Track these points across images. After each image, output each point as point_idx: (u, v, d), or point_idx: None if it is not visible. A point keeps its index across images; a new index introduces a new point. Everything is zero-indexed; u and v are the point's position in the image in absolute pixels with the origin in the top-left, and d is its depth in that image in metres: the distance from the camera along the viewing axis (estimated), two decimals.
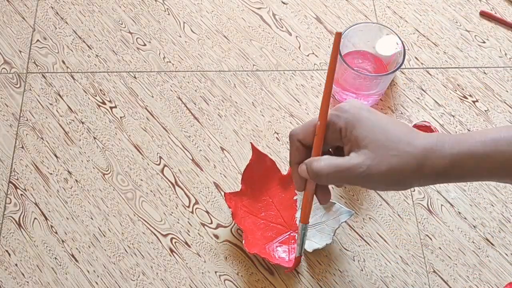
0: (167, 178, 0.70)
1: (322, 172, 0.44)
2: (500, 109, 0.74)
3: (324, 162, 0.44)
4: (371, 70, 0.71)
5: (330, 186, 0.53)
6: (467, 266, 0.64)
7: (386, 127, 0.43)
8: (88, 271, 0.64)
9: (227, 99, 0.75)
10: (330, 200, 0.63)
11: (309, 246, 0.62)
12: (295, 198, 0.66)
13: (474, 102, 0.75)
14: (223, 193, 0.68)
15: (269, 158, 0.65)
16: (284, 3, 0.83)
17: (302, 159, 0.47)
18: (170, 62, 0.78)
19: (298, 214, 0.65)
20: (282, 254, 0.62)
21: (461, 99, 0.75)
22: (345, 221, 0.64)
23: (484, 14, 0.81)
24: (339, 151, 0.48)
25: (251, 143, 0.64)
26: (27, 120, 0.73)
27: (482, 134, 0.43)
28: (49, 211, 0.67)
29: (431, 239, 0.66)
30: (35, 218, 0.67)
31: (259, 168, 0.65)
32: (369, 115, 0.44)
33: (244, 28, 0.80)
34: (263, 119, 0.74)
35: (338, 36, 0.45)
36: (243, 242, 0.60)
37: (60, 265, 0.64)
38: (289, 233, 0.64)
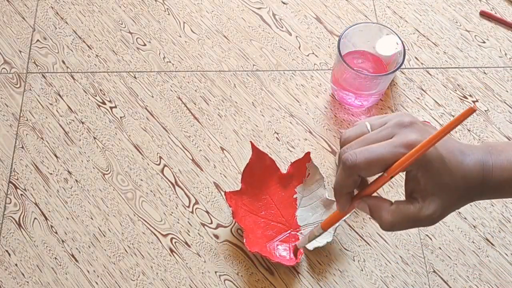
0: (167, 178, 0.70)
1: (395, 225, 0.43)
2: (500, 109, 0.74)
3: (396, 215, 0.42)
4: (371, 70, 0.71)
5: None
6: (467, 266, 0.64)
7: (451, 166, 0.41)
8: (88, 271, 0.64)
9: (227, 99, 0.75)
10: (330, 198, 0.64)
11: (310, 244, 0.62)
12: (294, 196, 0.66)
13: (474, 102, 0.75)
14: (223, 193, 0.68)
15: (268, 157, 0.65)
16: (284, 3, 0.83)
17: (353, 189, 0.44)
18: (170, 62, 0.78)
19: (298, 212, 0.65)
20: (283, 252, 0.62)
21: (461, 99, 0.75)
22: (345, 220, 0.64)
23: (484, 14, 0.81)
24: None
25: (250, 142, 0.64)
26: (27, 120, 0.73)
27: None
28: (49, 211, 0.67)
29: (431, 239, 0.66)
30: (35, 218, 0.67)
31: (259, 167, 0.65)
32: (438, 155, 0.41)
33: (244, 28, 0.80)
34: (263, 119, 0.74)
35: (470, 111, 0.38)
36: (244, 241, 0.60)
37: (60, 265, 0.64)
38: (289, 231, 0.64)
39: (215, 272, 0.64)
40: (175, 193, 0.69)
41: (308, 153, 0.65)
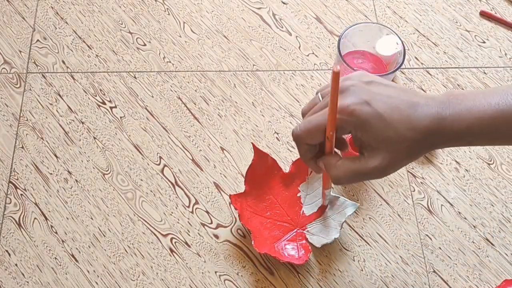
0: (167, 178, 0.70)
1: (341, 178, 0.46)
2: None
3: (342, 169, 0.46)
4: (371, 70, 0.71)
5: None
6: (467, 266, 0.64)
7: (393, 120, 0.43)
8: (88, 271, 0.64)
9: (227, 99, 0.75)
10: (335, 194, 0.64)
11: (318, 241, 0.62)
12: (298, 195, 0.66)
13: None
14: (223, 193, 0.69)
15: (270, 157, 0.66)
16: (284, 3, 0.83)
17: (313, 154, 0.48)
18: (170, 62, 0.78)
19: (304, 210, 0.66)
20: (291, 251, 0.63)
21: None
22: (346, 221, 0.64)
23: (484, 14, 0.81)
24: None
25: (252, 143, 0.64)
26: (27, 120, 0.73)
27: (479, 106, 0.43)
28: (49, 211, 0.67)
29: (431, 239, 0.66)
30: (35, 218, 0.67)
31: (261, 168, 0.65)
32: (375, 113, 0.43)
33: (244, 28, 0.80)
34: (263, 119, 0.74)
35: (336, 75, 0.42)
36: (253, 243, 0.60)
37: (60, 265, 0.64)
38: (296, 230, 0.64)
39: (215, 272, 0.64)
40: (175, 193, 0.69)
41: None
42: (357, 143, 0.46)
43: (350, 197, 0.68)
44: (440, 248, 0.65)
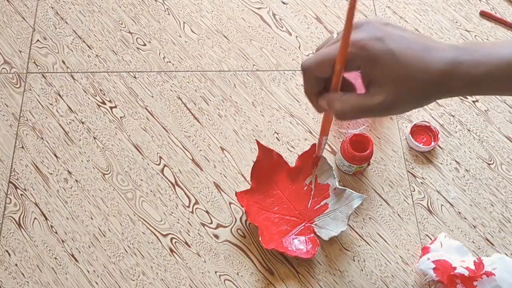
0: (167, 178, 0.69)
1: (345, 112, 0.44)
2: (500, 109, 0.74)
3: (346, 103, 0.44)
4: None
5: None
6: None
7: (405, 59, 0.42)
8: (88, 271, 0.64)
9: (227, 99, 0.75)
10: (341, 187, 0.65)
11: (326, 234, 0.63)
12: (305, 189, 0.66)
13: (474, 102, 0.75)
14: (223, 193, 0.69)
15: (275, 152, 0.66)
16: (284, 3, 0.83)
17: (319, 89, 0.47)
18: (170, 62, 0.78)
19: (310, 205, 0.66)
20: (300, 245, 0.63)
21: (461, 99, 0.75)
22: (352, 213, 0.64)
23: (484, 14, 0.81)
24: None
25: (256, 140, 0.65)
26: (27, 120, 0.73)
27: (498, 53, 0.43)
28: (49, 211, 0.67)
29: (431, 239, 0.66)
30: (35, 218, 0.67)
31: (266, 164, 0.65)
32: (387, 50, 0.42)
33: (244, 28, 0.80)
34: (263, 119, 0.74)
35: (352, 3, 0.41)
36: (260, 239, 0.61)
37: (60, 265, 0.64)
38: (303, 224, 0.64)
39: (215, 272, 0.64)
40: (175, 193, 0.69)
41: (314, 145, 0.65)
42: (365, 80, 0.44)
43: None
44: None
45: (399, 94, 0.43)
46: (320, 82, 0.46)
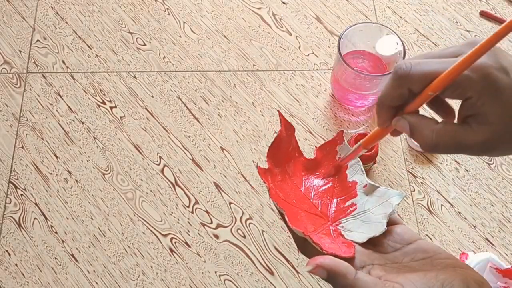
0: (167, 178, 0.70)
1: (439, 145, 0.37)
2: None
3: (442, 134, 0.37)
4: (371, 70, 0.71)
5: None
6: None
7: None
8: (88, 271, 0.64)
9: (227, 99, 0.75)
10: (372, 183, 0.52)
11: (360, 237, 0.49)
12: (328, 186, 0.54)
13: None
14: (223, 193, 0.68)
15: (295, 136, 0.53)
16: (284, 3, 0.83)
17: (399, 103, 0.39)
18: (170, 62, 0.78)
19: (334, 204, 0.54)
20: (331, 244, 0.50)
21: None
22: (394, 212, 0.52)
23: (484, 14, 0.81)
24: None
25: (278, 111, 0.53)
26: (27, 120, 0.73)
27: None
28: (49, 211, 0.67)
29: (431, 239, 0.66)
30: (35, 218, 0.67)
31: (285, 145, 0.53)
32: (507, 87, 0.35)
33: (244, 28, 0.80)
34: (263, 119, 0.74)
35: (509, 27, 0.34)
36: (288, 223, 0.46)
37: (60, 265, 0.64)
38: (327, 224, 0.51)
39: (215, 272, 0.64)
40: (175, 193, 0.69)
41: (340, 133, 0.53)
42: (466, 111, 0.37)
43: None
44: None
45: (506, 138, 0.37)
46: (405, 95, 0.38)
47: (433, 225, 0.67)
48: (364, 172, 0.53)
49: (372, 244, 0.44)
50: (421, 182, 0.69)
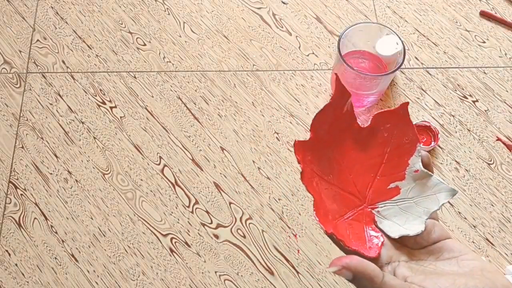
0: (167, 178, 0.70)
1: None
2: (500, 109, 0.74)
3: None
4: (371, 70, 0.71)
5: None
6: None
7: None
8: (88, 271, 0.64)
9: (227, 99, 0.75)
10: (426, 171, 0.46)
11: (393, 230, 0.44)
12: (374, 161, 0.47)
13: (474, 102, 0.75)
14: (223, 193, 0.68)
15: (351, 101, 0.47)
16: (284, 3, 0.83)
17: None
18: (170, 62, 0.78)
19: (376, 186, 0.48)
20: (357, 236, 0.44)
21: (461, 99, 0.75)
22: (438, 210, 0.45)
23: (484, 14, 0.81)
24: None
25: (335, 74, 0.44)
26: (27, 120, 0.73)
27: None
28: (49, 211, 0.67)
29: None
30: (35, 218, 0.67)
31: (336, 111, 0.46)
32: None
33: (244, 28, 0.80)
34: (263, 119, 0.74)
35: None
36: (315, 214, 0.43)
37: (60, 265, 0.64)
38: (362, 206, 0.46)
39: (215, 272, 0.64)
40: (175, 193, 0.69)
41: (405, 104, 0.47)
42: None
43: None
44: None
45: None
46: None
47: None
48: (420, 154, 0.45)
49: (399, 238, 0.42)
50: None
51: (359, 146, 0.48)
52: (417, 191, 0.45)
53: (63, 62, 0.78)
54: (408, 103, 0.46)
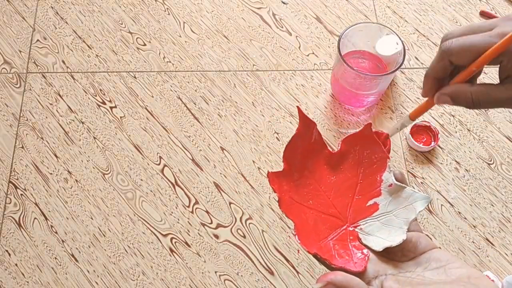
0: (167, 178, 0.70)
1: (480, 102, 0.42)
2: (500, 109, 0.74)
3: (478, 93, 0.42)
4: (371, 70, 0.71)
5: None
6: None
7: None
8: (88, 271, 0.64)
9: (227, 99, 0.75)
10: (399, 184, 0.48)
11: (377, 243, 0.46)
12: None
13: None
14: (223, 193, 0.68)
15: (317, 129, 0.50)
16: (284, 3, 0.83)
17: (442, 76, 0.43)
18: (170, 62, 0.78)
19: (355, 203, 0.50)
20: (343, 254, 0.47)
21: None
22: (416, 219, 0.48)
23: (484, 14, 0.81)
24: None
25: (297, 106, 0.49)
26: (27, 120, 0.73)
27: None
28: (49, 211, 0.67)
29: (431, 239, 0.66)
30: (35, 218, 0.67)
31: (305, 141, 0.49)
32: None
33: (244, 28, 0.80)
34: (263, 119, 0.74)
35: None
36: (296, 238, 0.44)
37: (60, 265, 0.64)
38: (345, 227, 0.48)
39: (215, 272, 0.64)
40: (175, 193, 0.69)
41: (368, 125, 0.49)
42: (501, 74, 0.42)
43: None
44: (440, 248, 0.65)
45: None
46: (447, 68, 0.43)
47: (433, 225, 0.67)
48: (391, 169, 0.49)
49: (386, 251, 0.43)
50: (421, 182, 0.69)
51: (333, 170, 0.51)
52: (395, 204, 0.48)
53: (63, 62, 0.78)
54: (371, 123, 0.49)
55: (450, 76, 0.43)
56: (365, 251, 0.45)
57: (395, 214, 0.48)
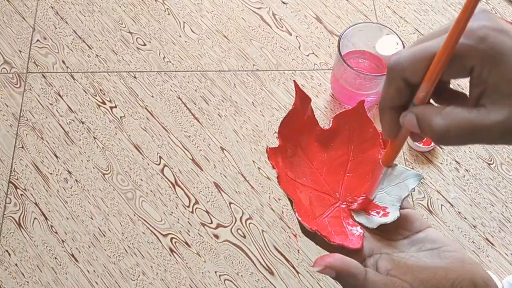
0: (167, 178, 0.70)
1: (450, 131, 0.30)
2: None
3: (452, 118, 0.31)
4: (371, 70, 0.71)
5: None
6: None
7: None
8: (88, 271, 0.64)
9: (227, 99, 0.75)
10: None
11: (370, 221, 0.45)
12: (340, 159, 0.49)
13: None
14: (223, 193, 0.68)
15: (311, 106, 0.48)
16: (284, 3, 0.83)
17: (401, 101, 0.34)
18: (170, 62, 0.78)
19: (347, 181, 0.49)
20: (338, 231, 0.45)
21: None
22: (409, 196, 0.46)
23: None
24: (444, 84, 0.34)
25: (294, 81, 0.43)
26: (27, 120, 0.73)
27: None
28: (49, 211, 0.67)
29: None
30: (35, 218, 0.67)
31: (299, 117, 0.48)
32: (510, 46, 0.29)
33: (244, 28, 0.80)
34: (263, 119, 0.74)
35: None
36: (297, 214, 0.43)
37: (60, 265, 0.64)
38: (337, 204, 0.47)
39: (215, 272, 0.64)
40: (175, 193, 0.69)
41: (361, 102, 0.49)
42: (476, 88, 0.31)
43: None
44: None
45: None
46: (406, 90, 0.33)
47: (433, 225, 0.67)
48: (382, 146, 0.47)
49: (380, 229, 0.41)
50: (421, 182, 0.69)
51: (324, 147, 0.50)
52: (386, 181, 0.47)
53: (63, 62, 0.78)
54: (364, 100, 0.48)
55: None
56: (359, 229, 0.43)
57: (387, 192, 0.47)
